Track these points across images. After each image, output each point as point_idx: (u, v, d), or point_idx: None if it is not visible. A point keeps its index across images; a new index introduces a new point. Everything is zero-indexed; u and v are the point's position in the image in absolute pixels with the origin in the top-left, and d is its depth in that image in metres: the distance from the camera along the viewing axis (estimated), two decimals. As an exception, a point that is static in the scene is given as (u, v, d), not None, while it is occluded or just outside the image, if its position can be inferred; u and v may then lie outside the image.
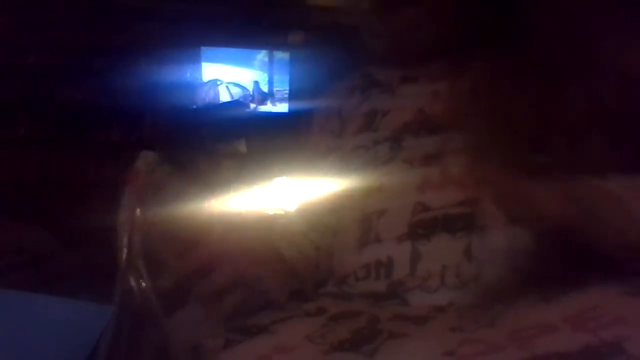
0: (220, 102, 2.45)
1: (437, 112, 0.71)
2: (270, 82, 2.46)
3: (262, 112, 2.47)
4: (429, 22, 0.73)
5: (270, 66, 2.45)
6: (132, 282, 0.68)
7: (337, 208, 0.74)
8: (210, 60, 2.43)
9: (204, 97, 2.43)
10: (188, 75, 2.42)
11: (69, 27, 2.18)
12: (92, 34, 2.23)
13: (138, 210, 0.71)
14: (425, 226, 0.63)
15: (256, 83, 2.45)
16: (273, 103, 2.47)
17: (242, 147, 2.31)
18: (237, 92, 2.46)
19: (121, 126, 2.33)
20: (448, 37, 0.73)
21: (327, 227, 0.76)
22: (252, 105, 2.47)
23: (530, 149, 0.62)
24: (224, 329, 0.61)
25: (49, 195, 2.10)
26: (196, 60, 2.43)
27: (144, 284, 0.66)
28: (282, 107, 2.48)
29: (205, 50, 2.41)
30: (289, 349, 0.55)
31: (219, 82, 2.42)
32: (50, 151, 2.25)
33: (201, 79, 2.43)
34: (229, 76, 2.44)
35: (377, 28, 0.80)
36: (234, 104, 2.44)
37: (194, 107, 2.43)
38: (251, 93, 2.46)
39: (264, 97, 2.46)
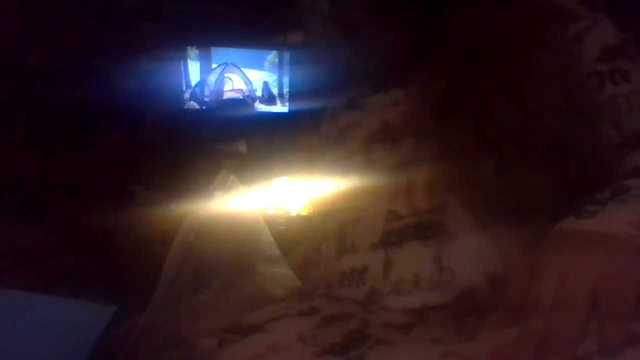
0: (226, 95, 2.45)
1: (398, 121, 0.72)
2: (280, 83, 2.47)
3: (262, 112, 2.47)
4: (384, 37, 0.74)
5: (279, 67, 2.46)
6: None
7: (323, 217, 0.76)
8: (220, 60, 2.44)
9: (211, 87, 2.43)
10: (183, 75, 2.43)
11: (69, 27, 2.18)
12: (92, 34, 2.23)
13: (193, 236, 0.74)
14: (397, 234, 0.64)
15: (265, 83, 2.46)
16: (283, 103, 2.48)
17: (242, 147, 2.31)
18: (243, 86, 2.46)
19: (121, 126, 2.33)
20: (402, 48, 0.74)
21: (323, 230, 0.77)
22: (260, 105, 2.47)
23: (490, 150, 0.62)
24: (219, 328, 0.61)
25: (49, 195, 2.10)
26: (203, 61, 2.43)
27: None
28: (283, 107, 2.49)
29: (215, 51, 2.42)
30: (281, 348, 0.55)
31: (225, 66, 2.42)
32: (50, 151, 2.26)
33: (205, 79, 2.43)
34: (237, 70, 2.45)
35: (341, 46, 0.81)
36: (238, 102, 2.44)
37: (198, 106, 2.43)
38: (262, 93, 2.47)
39: (272, 98, 2.47)
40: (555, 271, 0.47)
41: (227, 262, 0.75)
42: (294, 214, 2.04)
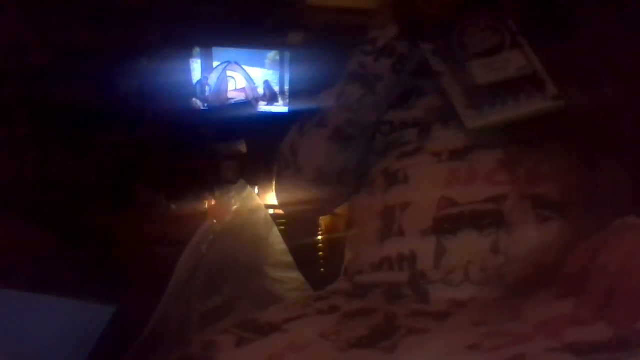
0: (230, 95, 2.44)
1: None
2: (281, 82, 2.46)
3: (262, 112, 2.47)
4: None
5: (281, 65, 2.45)
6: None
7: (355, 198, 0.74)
8: (221, 59, 2.43)
9: (213, 86, 2.42)
10: (187, 75, 2.42)
11: (69, 27, 2.18)
12: (92, 34, 2.22)
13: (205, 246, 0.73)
14: (451, 221, 0.62)
15: (267, 82, 2.45)
16: (285, 102, 2.46)
17: (242, 147, 2.31)
18: (246, 85, 2.45)
19: (121, 126, 2.33)
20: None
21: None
22: (263, 105, 2.46)
23: (567, 144, 0.61)
24: (236, 327, 0.60)
25: (49, 195, 2.10)
26: (204, 60, 2.42)
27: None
28: (285, 107, 2.48)
29: (216, 50, 2.41)
30: (302, 346, 0.54)
31: (227, 64, 2.40)
32: (50, 151, 2.25)
33: (207, 78, 2.42)
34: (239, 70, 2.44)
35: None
36: (242, 104, 2.43)
37: (200, 105, 2.42)
38: (263, 92, 2.46)
39: (274, 96, 2.46)
40: (621, 248, 0.48)
41: (237, 267, 0.74)
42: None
